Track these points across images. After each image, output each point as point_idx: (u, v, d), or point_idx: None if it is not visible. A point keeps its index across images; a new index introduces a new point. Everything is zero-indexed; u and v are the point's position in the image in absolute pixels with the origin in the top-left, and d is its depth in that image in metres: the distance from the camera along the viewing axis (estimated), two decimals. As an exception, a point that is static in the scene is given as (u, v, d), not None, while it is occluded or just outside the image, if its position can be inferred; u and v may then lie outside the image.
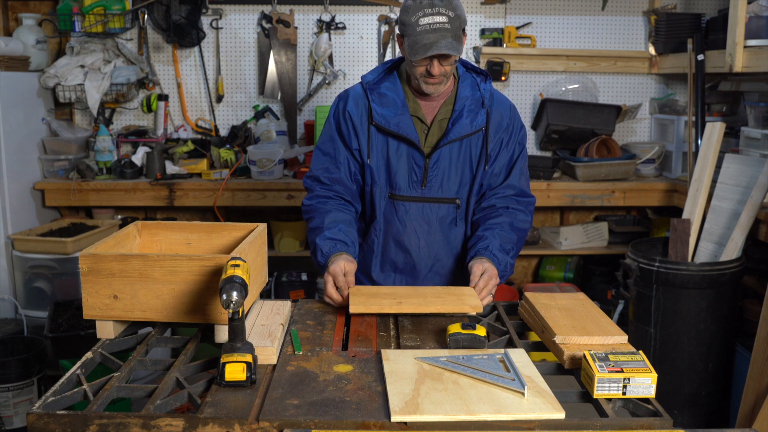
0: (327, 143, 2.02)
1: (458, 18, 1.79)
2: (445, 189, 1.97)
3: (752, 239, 2.87)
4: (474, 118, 1.92)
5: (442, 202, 1.98)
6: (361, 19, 3.85)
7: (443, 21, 1.76)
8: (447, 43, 1.77)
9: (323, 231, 1.90)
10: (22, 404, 2.87)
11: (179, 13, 3.65)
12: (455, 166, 1.96)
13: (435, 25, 1.77)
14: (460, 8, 1.81)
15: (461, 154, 1.95)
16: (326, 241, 1.87)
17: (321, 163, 2.02)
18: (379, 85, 1.97)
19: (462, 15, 1.81)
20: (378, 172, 1.97)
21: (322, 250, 1.86)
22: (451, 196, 1.98)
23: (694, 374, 2.80)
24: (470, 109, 1.93)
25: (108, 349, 1.55)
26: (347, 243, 1.88)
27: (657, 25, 3.69)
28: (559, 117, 3.68)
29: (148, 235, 1.82)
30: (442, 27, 1.77)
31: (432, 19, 1.77)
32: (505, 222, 1.96)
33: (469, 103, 1.93)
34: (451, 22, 1.77)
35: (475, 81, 1.97)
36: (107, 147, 3.54)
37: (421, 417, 1.20)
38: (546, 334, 1.57)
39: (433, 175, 1.95)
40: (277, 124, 3.75)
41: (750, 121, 3.14)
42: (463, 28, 1.82)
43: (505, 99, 2.01)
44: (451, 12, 1.77)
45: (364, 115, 1.96)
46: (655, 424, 1.23)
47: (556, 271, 3.95)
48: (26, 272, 3.27)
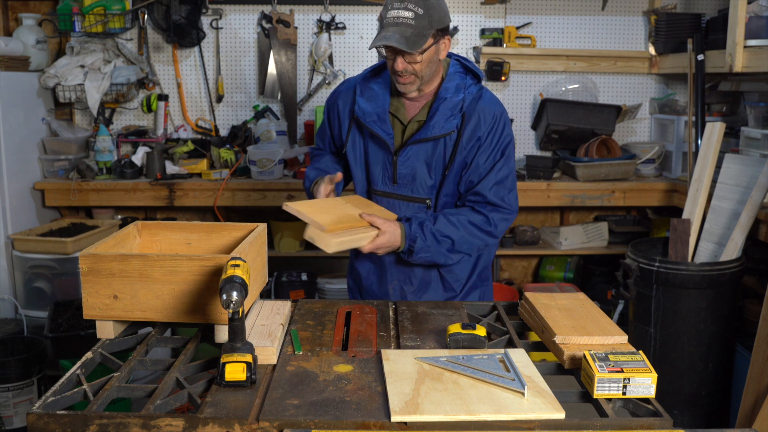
0: (321, 126, 2.18)
1: (428, 17, 1.77)
2: (416, 188, 1.97)
3: (752, 239, 2.87)
4: (447, 120, 1.90)
5: (413, 201, 1.98)
6: (361, 19, 3.85)
7: (408, 16, 1.77)
8: (399, 37, 1.76)
9: (313, 164, 2.11)
10: (22, 404, 2.87)
11: (179, 13, 3.65)
12: (428, 167, 1.94)
13: (398, 19, 1.78)
14: (435, 8, 1.79)
15: (435, 155, 1.93)
16: (314, 171, 2.07)
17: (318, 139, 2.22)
18: (371, 80, 2.00)
19: (437, 15, 1.79)
20: (356, 166, 2.04)
21: (308, 177, 2.06)
22: (422, 195, 1.98)
23: (694, 374, 2.80)
24: (444, 112, 1.90)
25: (108, 349, 1.55)
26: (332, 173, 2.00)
27: (657, 25, 3.69)
28: (559, 117, 3.68)
29: (148, 235, 1.82)
30: (404, 22, 1.77)
31: (397, 13, 1.78)
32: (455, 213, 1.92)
33: (446, 104, 1.90)
34: (417, 19, 1.76)
35: (463, 83, 1.94)
36: (107, 147, 3.54)
37: (421, 417, 1.20)
38: (546, 334, 1.57)
39: (402, 173, 1.96)
40: (277, 124, 3.75)
41: (750, 121, 3.14)
42: (438, 29, 1.81)
43: (493, 105, 1.94)
44: (420, 9, 1.77)
45: (349, 106, 2.03)
46: (655, 424, 1.23)
47: (556, 271, 3.95)
48: (26, 272, 3.27)
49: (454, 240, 1.90)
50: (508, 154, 1.95)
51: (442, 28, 1.83)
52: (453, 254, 1.93)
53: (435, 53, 1.86)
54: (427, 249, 1.88)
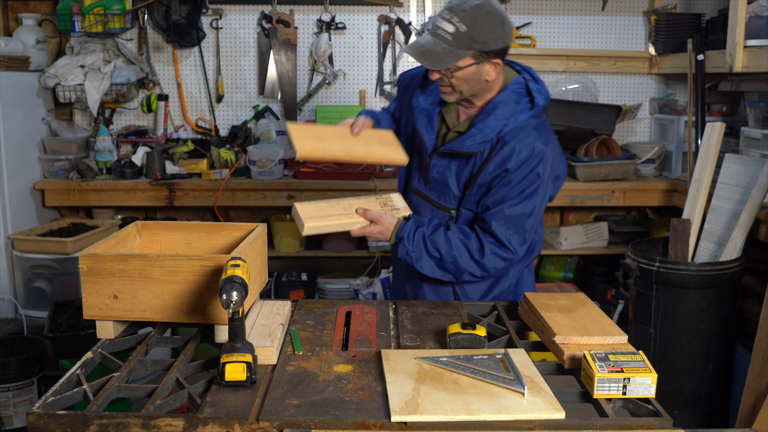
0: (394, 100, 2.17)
1: (469, 36, 1.68)
2: (444, 196, 1.94)
3: (752, 239, 2.87)
4: (481, 140, 1.81)
5: (440, 208, 1.95)
6: (361, 19, 3.84)
7: (447, 30, 1.70)
8: (425, 51, 1.71)
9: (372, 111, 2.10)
10: (22, 404, 2.87)
11: (179, 13, 3.65)
12: (458, 180, 1.89)
13: (438, 30, 1.72)
14: (483, 28, 1.69)
15: (465, 169, 1.87)
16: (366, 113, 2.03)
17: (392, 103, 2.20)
18: None
19: (483, 37, 1.69)
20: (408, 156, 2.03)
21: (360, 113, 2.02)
22: (448, 205, 1.94)
23: (694, 374, 2.80)
24: (482, 130, 1.81)
25: (108, 349, 1.55)
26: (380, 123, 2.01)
27: (657, 25, 3.69)
28: (559, 117, 3.68)
29: (148, 235, 1.82)
30: (441, 34, 1.71)
31: (440, 23, 1.71)
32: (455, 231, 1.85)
33: (486, 124, 1.81)
34: (456, 36, 1.69)
35: (515, 107, 1.82)
36: (107, 147, 3.54)
37: (421, 417, 1.20)
38: (546, 334, 1.57)
39: (433, 178, 1.93)
40: (277, 124, 3.75)
41: (750, 121, 3.14)
42: (481, 51, 1.71)
43: (535, 141, 1.79)
44: (463, 26, 1.68)
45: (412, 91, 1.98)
46: (655, 424, 1.23)
47: (556, 271, 3.95)
48: (26, 272, 3.27)
49: (443, 255, 1.84)
50: (528, 194, 1.81)
51: (490, 50, 1.73)
52: (439, 270, 1.87)
53: (476, 73, 1.76)
54: (411, 252, 1.86)
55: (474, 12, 1.69)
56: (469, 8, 1.69)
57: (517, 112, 1.82)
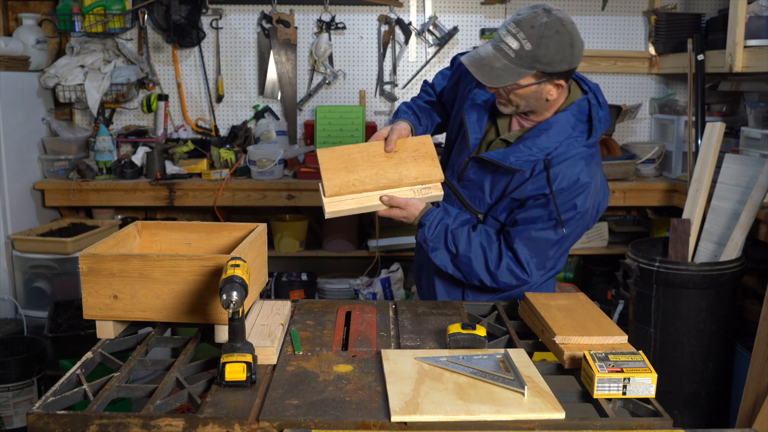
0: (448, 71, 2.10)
1: (533, 56, 1.60)
2: (475, 199, 1.89)
3: (752, 239, 2.87)
4: (523, 157, 1.74)
5: (468, 209, 1.91)
6: (361, 19, 3.85)
7: (511, 46, 1.61)
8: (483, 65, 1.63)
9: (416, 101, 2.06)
10: (22, 404, 2.87)
11: (179, 13, 3.65)
12: (492, 187, 1.85)
13: (502, 44, 1.63)
14: (549, 49, 1.60)
15: (501, 179, 1.82)
16: (407, 107, 2.00)
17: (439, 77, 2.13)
18: None
19: (548, 58, 1.60)
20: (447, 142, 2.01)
21: (399, 111, 1.99)
22: (477, 209, 1.90)
23: (694, 374, 2.80)
24: (530, 147, 1.73)
25: (108, 349, 1.55)
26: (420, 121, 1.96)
27: (657, 25, 3.69)
28: (559, 117, 3.68)
29: (148, 235, 1.82)
30: (504, 49, 1.62)
31: (506, 37, 1.62)
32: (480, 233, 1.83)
33: (537, 143, 1.73)
34: (519, 54, 1.60)
35: (571, 131, 1.75)
36: (107, 147, 3.54)
37: (421, 417, 1.20)
38: (546, 334, 1.57)
39: (468, 178, 1.88)
40: (277, 124, 3.76)
41: (750, 121, 3.14)
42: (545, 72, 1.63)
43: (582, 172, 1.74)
44: (529, 44, 1.59)
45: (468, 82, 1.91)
46: (655, 424, 1.23)
47: (556, 271, 3.95)
48: (26, 272, 3.27)
49: (459, 253, 1.83)
50: (559, 223, 1.75)
51: (554, 72, 1.64)
52: (452, 266, 1.86)
53: (536, 92, 1.69)
54: (428, 241, 1.84)
55: (542, 30, 1.59)
56: (538, 26, 1.60)
57: (572, 137, 1.75)
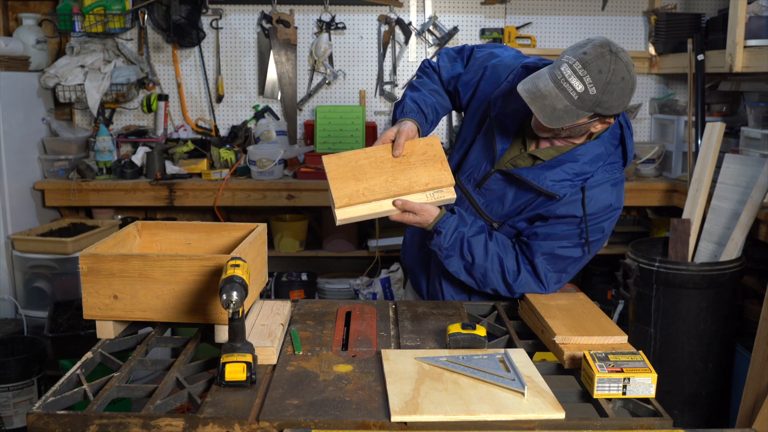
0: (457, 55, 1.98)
1: (596, 101, 1.53)
2: (492, 208, 1.85)
3: (752, 239, 2.87)
4: (560, 183, 1.71)
5: (482, 216, 1.87)
6: (361, 19, 3.85)
7: (576, 88, 1.52)
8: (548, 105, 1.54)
9: (418, 92, 1.90)
10: (22, 404, 2.87)
11: (179, 13, 3.65)
12: (514, 200, 1.81)
13: (564, 84, 1.53)
14: (612, 95, 1.53)
15: (527, 196, 1.78)
16: (412, 103, 1.86)
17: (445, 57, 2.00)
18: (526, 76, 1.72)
19: (607, 103, 1.54)
20: (461, 142, 1.92)
21: (403, 108, 1.85)
22: (493, 218, 1.86)
23: (694, 374, 2.80)
24: (566, 172, 1.70)
25: (108, 349, 1.55)
26: (426, 117, 1.86)
27: (657, 25, 3.69)
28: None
29: (148, 235, 1.82)
30: (567, 89, 1.53)
31: (569, 76, 1.53)
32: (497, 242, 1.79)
33: (572, 168, 1.70)
34: (583, 97, 1.52)
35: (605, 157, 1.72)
36: (107, 147, 3.54)
37: (421, 417, 1.20)
38: (546, 334, 1.57)
39: (488, 187, 1.83)
40: (277, 124, 3.76)
41: (750, 121, 3.14)
42: (600, 115, 1.58)
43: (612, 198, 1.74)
44: (594, 89, 1.51)
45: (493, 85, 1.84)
46: (655, 424, 1.23)
47: (556, 271, 3.95)
48: (26, 272, 3.27)
49: (475, 263, 1.78)
50: (584, 243, 1.76)
51: (610, 114, 1.60)
52: (465, 274, 1.82)
53: (585, 128, 1.66)
54: (443, 249, 1.78)
55: (609, 77, 1.52)
56: (606, 71, 1.52)
57: (608, 164, 1.73)
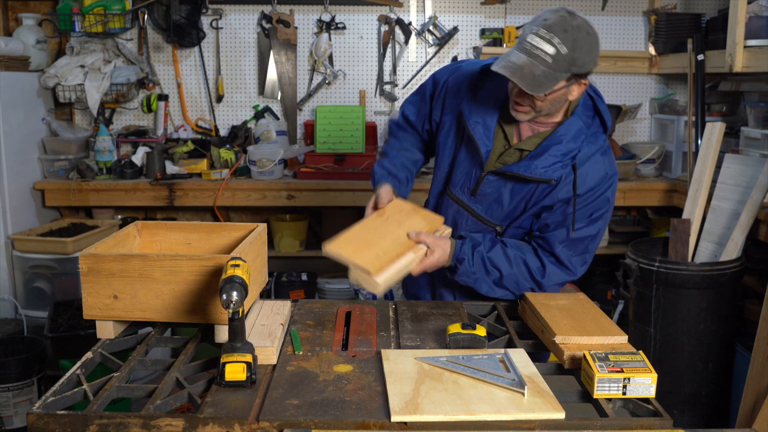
0: (418, 94, 2.02)
1: (570, 59, 1.58)
2: (491, 212, 1.85)
3: (752, 239, 2.87)
4: (551, 166, 1.71)
5: (483, 222, 1.87)
6: (361, 19, 3.84)
7: (548, 52, 1.56)
8: (526, 73, 1.58)
9: (385, 158, 2.00)
10: (22, 404, 2.87)
11: (179, 13, 3.65)
12: (512, 198, 1.81)
13: (536, 51, 1.58)
14: (582, 51, 1.58)
15: (524, 190, 1.79)
16: (381, 170, 1.95)
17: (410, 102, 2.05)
18: (492, 77, 1.77)
19: (580, 59, 1.59)
20: (442, 159, 1.93)
21: (375, 176, 1.95)
22: (494, 221, 1.87)
23: (694, 374, 2.80)
24: (554, 155, 1.71)
25: (108, 349, 1.55)
26: (399, 178, 1.93)
27: (657, 25, 3.69)
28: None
29: (148, 235, 1.82)
30: (540, 56, 1.57)
31: (538, 43, 1.57)
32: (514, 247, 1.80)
33: (559, 149, 1.71)
34: (557, 59, 1.57)
35: (586, 130, 1.74)
36: (107, 147, 3.54)
37: (421, 417, 1.20)
38: (546, 334, 1.57)
39: (484, 192, 1.83)
40: (277, 124, 3.76)
41: (750, 121, 3.14)
42: (576, 73, 1.62)
43: (606, 166, 1.76)
44: (564, 48, 1.56)
45: (459, 96, 1.86)
46: (655, 424, 1.23)
47: (556, 271, 3.95)
48: (26, 272, 3.27)
49: (504, 274, 1.79)
50: (595, 219, 1.78)
51: (584, 72, 1.64)
52: (498, 288, 1.83)
53: (564, 94, 1.68)
54: (471, 274, 1.79)
55: (575, 33, 1.58)
56: (570, 29, 1.58)
57: (591, 135, 1.75)
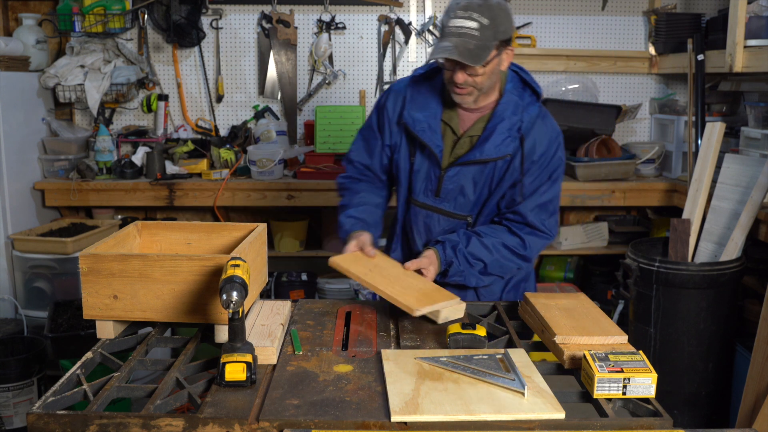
0: (366, 130, 2.04)
1: (493, 28, 1.69)
2: (459, 205, 1.92)
3: (752, 239, 2.87)
4: (502, 142, 1.82)
5: (454, 217, 1.94)
6: (361, 19, 3.84)
7: (472, 27, 1.68)
8: (462, 50, 1.67)
9: (348, 209, 1.97)
10: (22, 404, 2.87)
11: (179, 13, 3.65)
12: (474, 185, 1.89)
13: (462, 29, 1.68)
14: (501, 18, 1.70)
15: (484, 174, 1.87)
16: (349, 219, 1.93)
17: (357, 148, 2.06)
18: (422, 84, 1.91)
19: (502, 26, 1.71)
20: (401, 173, 1.97)
21: (344, 227, 1.93)
22: (464, 213, 1.93)
23: (694, 374, 2.80)
24: (501, 132, 1.82)
25: (108, 349, 1.55)
26: (368, 223, 1.92)
27: (657, 25, 3.69)
28: (559, 117, 3.64)
29: (148, 235, 1.82)
30: (467, 33, 1.68)
31: (461, 23, 1.69)
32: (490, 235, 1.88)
33: (504, 125, 1.82)
34: (482, 30, 1.68)
35: (521, 102, 1.85)
36: (107, 147, 3.54)
37: (421, 417, 1.20)
38: (546, 334, 1.57)
39: (447, 189, 1.90)
40: (277, 124, 3.75)
41: (750, 121, 3.14)
42: (502, 40, 1.72)
43: (550, 128, 1.89)
44: (485, 19, 1.68)
45: (398, 111, 1.93)
46: (655, 424, 1.23)
47: (556, 271, 3.95)
48: (26, 272, 3.27)
49: (486, 263, 1.87)
50: (555, 178, 1.90)
51: (507, 38, 1.75)
52: (485, 276, 1.91)
53: (497, 65, 1.77)
54: (460, 272, 1.87)
55: (489, 4, 1.70)
56: (483, 3, 1.69)
57: (526, 105, 1.85)
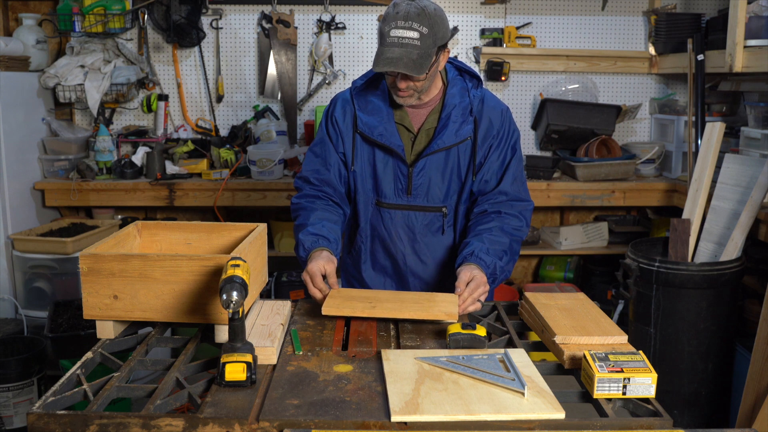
0: (318, 145, 2.02)
1: (432, 35, 1.75)
2: (431, 197, 1.96)
3: (752, 239, 2.87)
4: (459, 128, 1.90)
5: (428, 211, 1.97)
6: (361, 19, 3.85)
7: (413, 37, 1.73)
8: (407, 61, 1.73)
9: (307, 227, 1.89)
10: (22, 404, 2.87)
11: (179, 13, 3.65)
12: (442, 175, 1.94)
13: (404, 40, 1.73)
14: (438, 25, 1.76)
15: (449, 162, 1.93)
16: (308, 236, 1.86)
17: (311, 164, 2.02)
18: (366, 92, 1.96)
19: (440, 33, 1.77)
20: (363, 180, 1.98)
21: (303, 245, 1.85)
22: (438, 204, 1.97)
23: (694, 374, 2.80)
24: (456, 118, 1.90)
25: (108, 349, 1.55)
26: (329, 239, 1.87)
27: (657, 25, 3.69)
28: (559, 117, 3.68)
29: (148, 235, 1.82)
30: (409, 43, 1.73)
31: (402, 33, 1.73)
32: (494, 226, 1.91)
33: (456, 111, 1.90)
34: (423, 39, 1.73)
35: (466, 86, 1.94)
36: (107, 147, 3.54)
37: (421, 417, 1.20)
38: (546, 334, 1.57)
39: (417, 184, 1.94)
40: (277, 124, 3.76)
41: (750, 121, 3.14)
42: (440, 45, 1.78)
43: (497, 103, 1.97)
44: (424, 28, 1.73)
45: (349, 121, 1.97)
46: (655, 424, 1.23)
47: (556, 271, 3.95)
48: (26, 272, 3.27)
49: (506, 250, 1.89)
50: (516, 148, 1.99)
51: (445, 42, 1.82)
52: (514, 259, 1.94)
53: (437, 67, 1.84)
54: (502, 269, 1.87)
55: (427, 13, 1.75)
56: (421, 12, 1.74)
57: (470, 88, 1.95)
